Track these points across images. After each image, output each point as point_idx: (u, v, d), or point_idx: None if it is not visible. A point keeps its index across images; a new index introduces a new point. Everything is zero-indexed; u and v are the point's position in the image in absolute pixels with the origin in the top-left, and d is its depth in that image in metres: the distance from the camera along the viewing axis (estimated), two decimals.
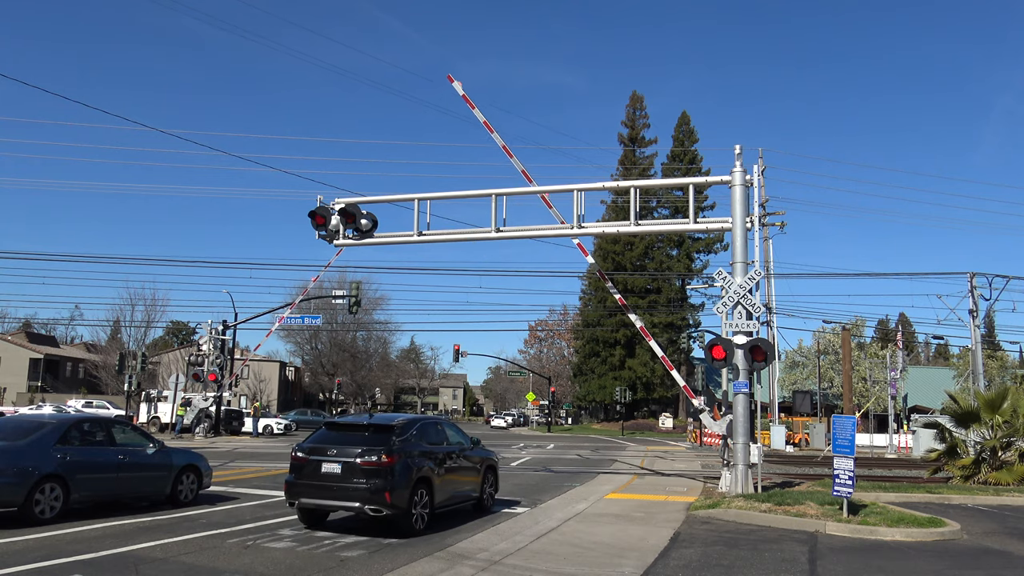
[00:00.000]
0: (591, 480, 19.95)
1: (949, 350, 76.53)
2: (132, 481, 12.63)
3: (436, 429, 13.17)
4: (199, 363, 38.78)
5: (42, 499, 11.05)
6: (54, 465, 11.27)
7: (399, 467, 11.19)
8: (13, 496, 10.71)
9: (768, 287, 40.47)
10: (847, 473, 12.10)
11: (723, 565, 9.06)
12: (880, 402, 48.76)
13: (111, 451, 12.40)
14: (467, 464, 13.39)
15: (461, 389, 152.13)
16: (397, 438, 11.67)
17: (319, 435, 12.19)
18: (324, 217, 18.65)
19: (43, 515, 11.02)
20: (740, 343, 15.24)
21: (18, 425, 12.06)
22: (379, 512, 10.92)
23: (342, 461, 11.27)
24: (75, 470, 11.54)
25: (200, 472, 13.96)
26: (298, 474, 11.55)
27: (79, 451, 11.83)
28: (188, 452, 14.44)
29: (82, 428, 12.33)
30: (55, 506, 11.22)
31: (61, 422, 12.15)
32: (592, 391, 75.08)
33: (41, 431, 11.62)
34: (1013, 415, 19.18)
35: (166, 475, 13.22)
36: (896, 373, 41.79)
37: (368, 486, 10.93)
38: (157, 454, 13.20)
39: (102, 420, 13.53)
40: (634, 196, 17.90)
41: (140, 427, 14.23)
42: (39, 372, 75.13)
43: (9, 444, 11.11)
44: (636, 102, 78.92)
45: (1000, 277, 39.89)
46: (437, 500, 11.98)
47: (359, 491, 11.01)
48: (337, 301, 45.83)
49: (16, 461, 10.88)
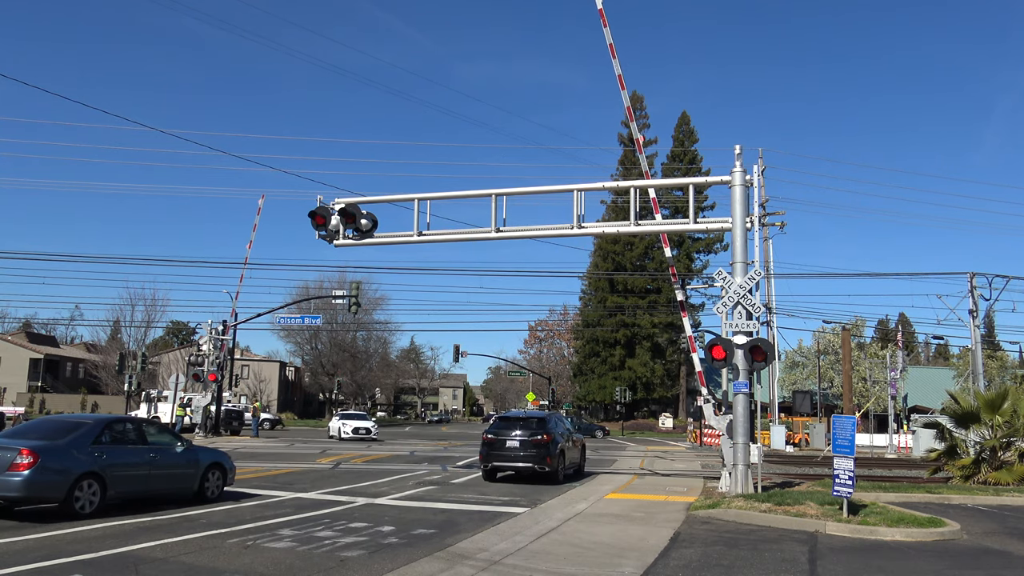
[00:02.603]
0: (591, 480, 19.95)
1: (949, 350, 76.59)
2: (163, 478, 13.17)
3: (561, 420, 22.21)
4: (199, 363, 38.77)
5: (81, 495, 11.56)
6: (92, 463, 11.78)
7: (552, 443, 19.05)
8: (55, 492, 11.27)
9: (768, 287, 40.49)
10: (847, 473, 12.09)
11: (723, 565, 9.06)
12: (880, 402, 48.76)
13: (143, 450, 12.96)
14: (575, 442, 21.59)
15: (461, 389, 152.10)
16: (549, 425, 19.65)
17: (496, 425, 20.13)
18: (324, 217, 18.63)
19: (82, 510, 11.50)
20: (740, 343, 15.24)
21: (57, 425, 12.61)
22: (543, 470, 18.79)
23: (519, 439, 19.15)
24: (111, 467, 12.06)
25: (224, 469, 14.46)
26: (489, 448, 19.35)
27: (114, 450, 12.34)
28: (214, 450, 14.95)
29: (116, 428, 12.82)
30: (93, 501, 11.72)
31: (97, 422, 12.63)
32: (592, 391, 75.07)
33: (79, 431, 12.11)
34: (1013, 415, 19.18)
35: (194, 472, 13.73)
36: (896, 373, 41.78)
37: (536, 454, 18.83)
38: (185, 452, 13.72)
39: (135, 420, 14.06)
40: (634, 196, 17.91)
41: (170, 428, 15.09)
42: (39, 372, 75.10)
43: (50, 443, 11.57)
44: (636, 102, 78.86)
45: (1000, 277, 39.90)
46: (567, 463, 20.02)
47: (530, 456, 18.88)
48: (337, 301, 45.80)
49: (57, 459, 11.38)
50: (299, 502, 14.04)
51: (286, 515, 12.28)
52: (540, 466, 18.99)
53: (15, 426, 12.97)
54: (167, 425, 19.10)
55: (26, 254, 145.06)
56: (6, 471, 10.95)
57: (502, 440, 19.46)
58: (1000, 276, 39.94)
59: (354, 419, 43.80)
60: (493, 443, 19.56)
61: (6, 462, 11.01)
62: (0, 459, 11.06)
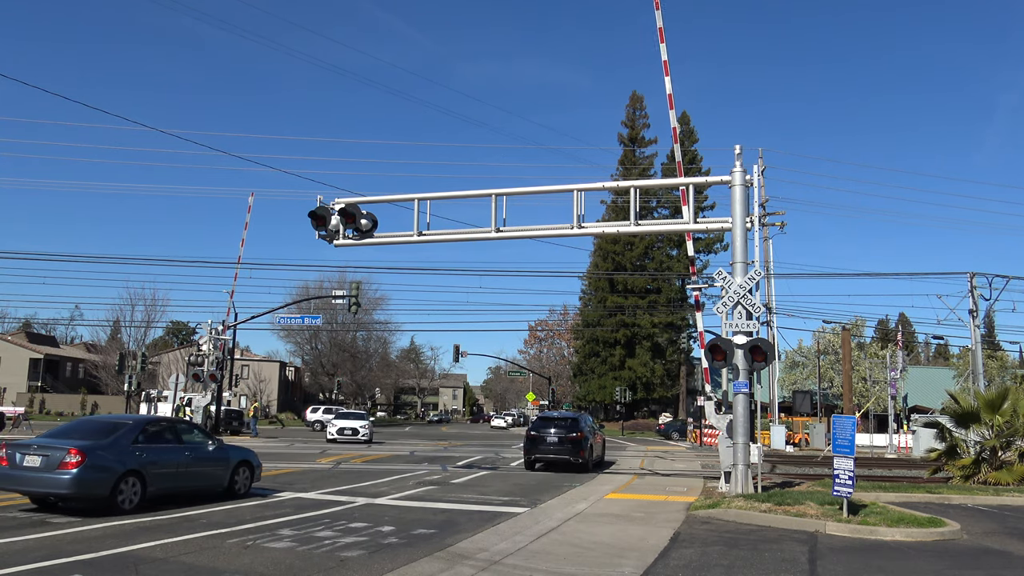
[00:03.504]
0: (591, 480, 19.94)
1: (949, 350, 76.52)
2: (196, 475, 13.81)
3: (588, 419, 25.88)
4: (199, 363, 38.75)
5: (124, 492, 12.19)
6: (133, 461, 12.43)
7: (584, 439, 22.86)
8: (101, 489, 11.86)
9: (768, 287, 40.49)
10: (847, 473, 12.09)
11: (723, 565, 9.06)
12: (880, 402, 48.74)
13: (179, 448, 13.59)
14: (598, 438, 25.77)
15: (461, 389, 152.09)
16: (582, 422, 23.91)
17: (537, 422, 24.23)
18: (324, 217, 18.63)
19: (124, 506, 12.13)
20: (740, 343, 15.24)
21: (100, 425, 13.25)
22: (576, 461, 22.44)
23: (557, 436, 22.89)
24: (150, 465, 12.70)
25: (252, 467, 15.05)
26: (531, 442, 23.21)
27: (153, 449, 12.97)
28: (242, 449, 15.55)
29: (154, 427, 13.47)
30: (134, 499, 12.34)
31: (136, 422, 13.30)
32: (592, 391, 75.05)
33: (121, 431, 12.74)
34: (1013, 415, 19.18)
35: (224, 470, 14.36)
36: (896, 373, 41.76)
37: (571, 448, 22.58)
38: (216, 451, 14.35)
39: (170, 420, 14.88)
40: (634, 196, 17.90)
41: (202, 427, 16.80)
42: (39, 372, 75.08)
43: (95, 443, 12.16)
44: (636, 102, 78.93)
45: (1000, 277, 39.91)
46: (594, 456, 24.05)
47: (566, 450, 22.59)
48: (337, 301, 45.76)
49: (102, 458, 11.99)
50: (299, 502, 14.04)
51: (286, 515, 12.27)
52: (574, 458, 22.76)
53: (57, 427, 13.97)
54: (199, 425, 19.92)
55: (26, 254, 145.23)
56: (56, 469, 11.56)
57: (542, 436, 23.27)
58: (1000, 276, 39.98)
59: (344, 418, 40.30)
60: (535, 438, 23.39)
61: (56, 461, 11.61)
62: (50, 458, 11.67)
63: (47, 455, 11.77)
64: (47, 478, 11.63)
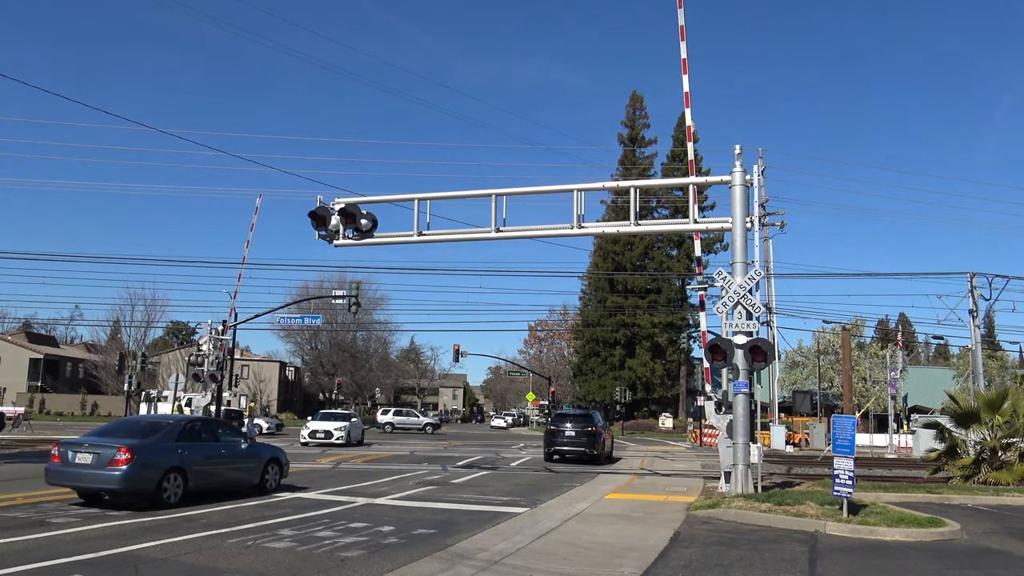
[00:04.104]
0: (591, 480, 19.94)
1: (949, 350, 76.44)
2: (232, 471, 14.68)
3: (599, 416, 28.92)
4: (199, 363, 38.73)
5: (168, 487, 12.92)
6: (176, 459, 13.18)
7: (597, 434, 26.00)
8: (147, 485, 12.60)
9: (768, 287, 40.51)
10: (847, 473, 12.09)
11: (723, 565, 9.06)
12: (880, 402, 48.73)
13: (216, 446, 14.42)
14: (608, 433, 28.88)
15: (461, 389, 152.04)
16: (595, 418, 27.32)
17: (555, 419, 27.58)
18: (324, 217, 18.62)
19: (169, 500, 12.84)
20: (740, 343, 15.23)
21: (144, 425, 13.98)
22: (592, 454, 25.48)
23: (574, 430, 25.94)
24: (191, 462, 13.46)
25: (281, 464, 15.91)
26: (551, 436, 26.44)
27: (192, 446, 13.74)
28: (272, 447, 16.45)
29: (193, 427, 14.24)
30: (177, 492, 13.09)
31: (177, 422, 14.14)
32: (592, 391, 75.05)
33: (164, 430, 13.56)
34: (1013, 415, 19.17)
35: (256, 466, 15.22)
36: (896, 373, 41.75)
37: (587, 441, 25.67)
38: (249, 448, 15.23)
39: (207, 420, 15.66)
40: (634, 196, 17.89)
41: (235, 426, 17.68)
42: (39, 372, 75.08)
43: (142, 441, 12.88)
44: (636, 102, 78.94)
45: (1000, 277, 39.86)
46: (606, 451, 27.35)
47: (582, 443, 25.67)
48: (337, 301, 45.69)
49: (149, 455, 12.72)
50: (299, 502, 14.04)
51: (286, 515, 12.28)
52: (590, 450, 25.91)
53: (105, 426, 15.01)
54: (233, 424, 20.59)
55: (26, 254, 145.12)
56: (107, 466, 12.30)
57: (561, 431, 26.44)
58: (1000, 276, 39.94)
59: (322, 419, 36.56)
60: (554, 433, 26.60)
61: (107, 458, 12.34)
62: (101, 456, 12.40)
63: (98, 453, 12.46)
64: (99, 474, 12.33)
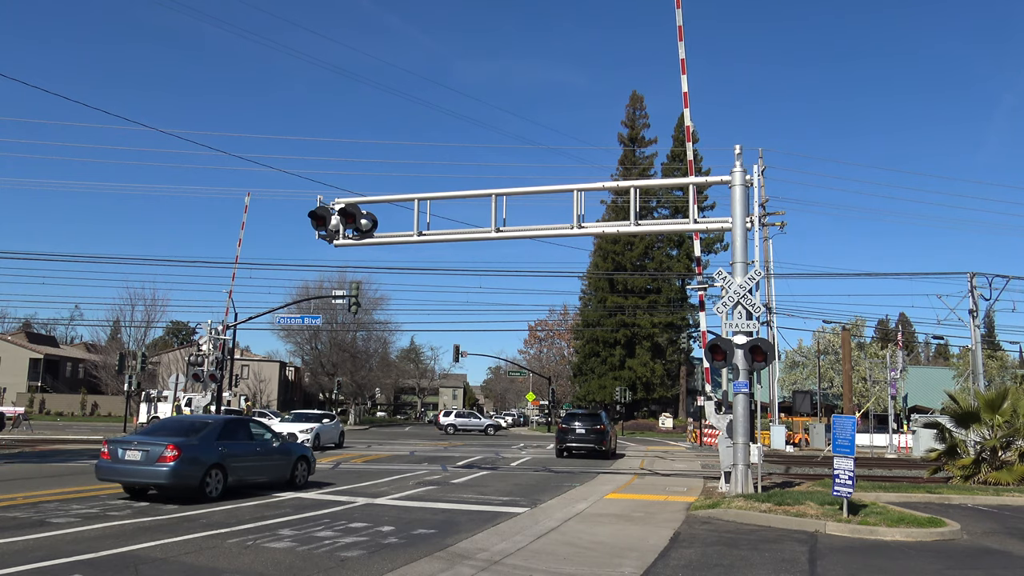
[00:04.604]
0: (591, 480, 19.94)
1: (949, 350, 76.42)
2: (266, 468, 15.64)
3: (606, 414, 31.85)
4: (199, 363, 38.72)
5: (210, 482, 13.82)
6: (217, 456, 14.10)
7: (605, 431, 28.53)
8: (192, 480, 13.50)
9: (768, 287, 40.49)
10: (847, 473, 12.08)
11: (723, 565, 9.05)
12: (880, 402, 48.71)
13: (251, 444, 15.47)
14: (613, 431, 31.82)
15: (461, 389, 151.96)
16: (603, 417, 29.66)
17: (567, 417, 30.17)
18: (324, 217, 18.61)
19: (210, 494, 13.76)
20: (740, 343, 15.22)
21: (187, 424, 14.96)
22: (600, 450, 27.88)
23: (584, 428, 28.48)
24: (230, 459, 14.40)
25: (309, 461, 16.98)
26: (562, 433, 28.79)
27: (231, 444, 14.68)
28: (301, 445, 17.74)
29: (232, 426, 15.19)
30: (218, 487, 14.00)
31: (217, 422, 15.08)
32: (592, 391, 75.02)
33: (207, 429, 14.48)
34: (1013, 415, 19.16)
35: (287, 463, 16.24)
36: (896, 373, 41.74)
37: (596, 438, 28.08)
38: (281, 446, 16.30)
39: (243, 420, 16.44)
40: (634, 196, 17.88)
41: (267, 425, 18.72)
42: (39, 372, 75.06)
43: (187, 440, 13.79)
44: (636, 102, 78.91)
45: (1000, 277, 39.87)
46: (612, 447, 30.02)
47: (592, 440, 28.00)
48: (337, 301, 45.67)
49: (193, 452, 13.64)
50: (299, 502, 14.03)
51: (286, 515, 12.27)
52: (599, 446, 28.40)
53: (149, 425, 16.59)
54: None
55: (26, 254, 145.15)
56: (156, 462, 13.19)
57: (572, 428, 29.03)
58: (1000, 276, 39.94)
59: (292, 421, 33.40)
60: (565, 430, 29.24)
61: (155, 455, 13.23)
62: (150, 453, 13.30)
63: (147, 450, 13.36)
64: (148, 470, 13.23)
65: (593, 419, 29.71)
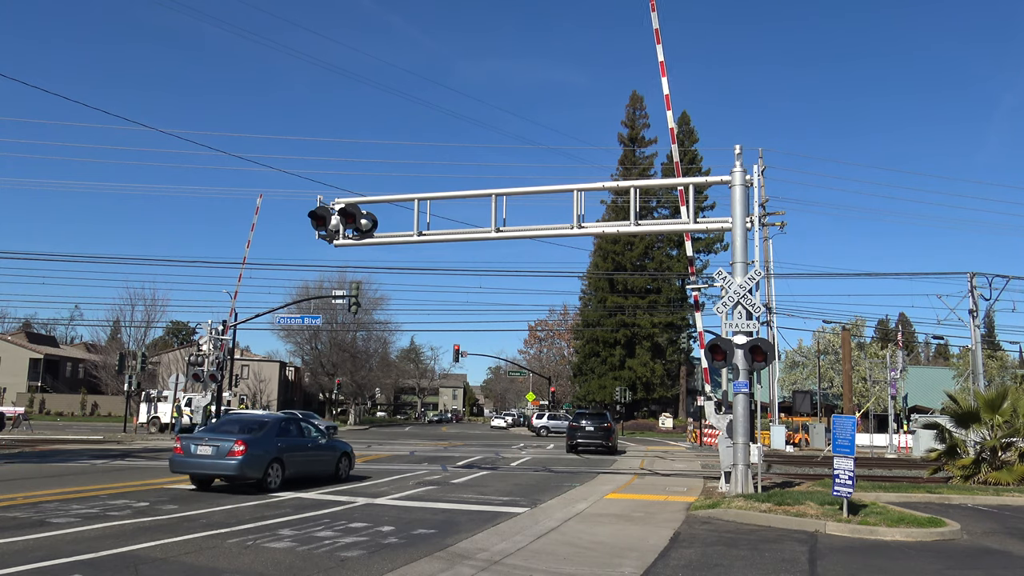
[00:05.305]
0: (591, 480, 19.94)
1: (949, 350, 76.43)
2: (315, 462, 17.16)
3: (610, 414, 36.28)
4: (199, 363, 38.72)
5: (271, 474, 15.37)
6: (277, 451, 15.67)
7: (612, 429, 33.07)
8: (256, 473, 15.03)
9: (768, 287, 40.46)
10: (847, 473, 12.08)
11: (723, 565, 9.05)
12: (880, 402, 48.72)
13: (303, 440, 17.01)
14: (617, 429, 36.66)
15: (461, 389, 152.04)
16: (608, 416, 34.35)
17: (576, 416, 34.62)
18: (324, 217, 18.60)
19: (271, 486, 15.29)
20: (740, 343, 15.22)
21: (249, 422, 16.35)
22: (608, 446, 32.22)
23: (592, 426, 32.65)
24: (287, 453, 15.94)
25: (351, 457, 18.62)
26: (572, 431, 33.01)
27: (287, 440, 16.25)
28: (343, 442, 19.18)
29: (286, 424, 16.75)
30: (277, 480, 15.52)
31: (275, 420, 16.75)
32: (592, 391, 75.02)
33: (267, 427, 16.01)
34: (1013, 415, 19.17)
35: (333, 458, 17.76)
36: (896, 373, 41.74)
37: (603, 435, 32.36)
38: (327, 443, 18.00)
39: (295, 419, 18.07)
40: (634, 196, 17.88)
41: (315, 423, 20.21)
42: (39, 372, 75.07)
43: (252, 436, 15.27)
44: (636, 102, 78.94)
45: (1000, 277, 39.89)
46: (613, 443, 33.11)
47: (599, 437, 32.34)
48: (337, 301, 45.67)
49: (258, 448, 15.16)
50: (299, 502, 14.03)
51: (286, 515, 12.27)
52: (606, 443, 32.38)
53: (213, 423, 18.22)
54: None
55: (26, 254, 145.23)
56: (225, 456, 14.71)
57: (581, 427, 33.08)
58: (1000, 276, 39.96)
59: None
60: (575, 428, 33.18)
61: (225, 450, 14.75)
62: (220, 448, 14.82)
63: (217, 445, 14.85)
64: (219, 463, 14.77)
65: (600, 418, 33.94)
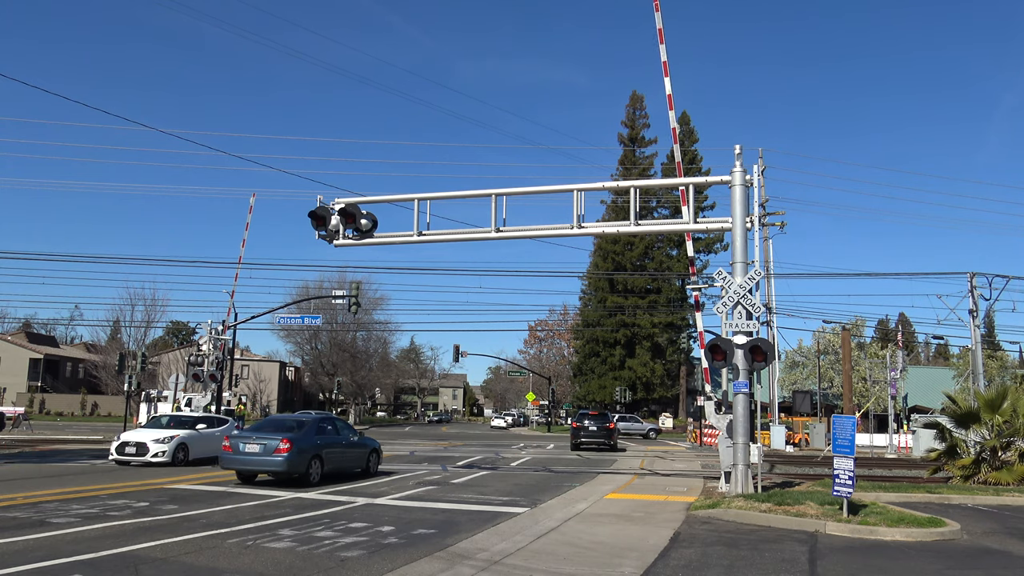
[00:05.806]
0: (591, 480, 19.94)
1: (949, 350, 76.42)
2: (349, 458, 18.60)
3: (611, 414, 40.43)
4: (199, 363, 38.73)
5: (312, 470, 16.70)
6: (317, 448, 17.01)
7: (614, 429, 36.49)
8: (300, 468, 16.35)
9: (768, 287, 40.47)
10: (847, 473, 12.08)
11: (723, 565, 9.05)
12: (880, 402, 48.71)
13: (339, 438, 18.37)
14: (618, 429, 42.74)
15: (461, 389, 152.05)
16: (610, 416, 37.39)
17: (580, 416, 36.85)
18: (324, 217, 18.60)
19: (312, 480, 16.65)
20: (740, 343, 15.22)
21: (292, 422, 17.93)
22: (610, 444, 35.35)
23: (596, 425, 35.51)
24: (326, 450, 17.30)
25: (379, 453, 20.26)
26: (576, 431, 35.67)
27: (325, 438, 17.66)
28: (371, 439, 20.50)
29: (324, 423, 18.16)
30: (318, 475, 16.86)
31: (314, 419, 18.19)
32: (592, 391, 75.03)
33: (308, 425, 17.44)
34: (1013, 415, 19.16)
35: (363, 454, 19.25)
36: (896, 373, 41.74)
37: (606, 435, 35.35)
38: (359, 440, 19.30)
39: (331, 418, 19.59)
40: (634, 196, 17.88)
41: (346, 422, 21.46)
42: (39, 372, 75.06)
43: (295, 434, 16.61)
44: (636, 102, 78.94)
45: (1000, 277, 39.91)
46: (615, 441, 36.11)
47: (602, 435, 35.24)
48: (337, 301, 45.68)
49: (301, 445, 16.47)
50: (299, 502, 14.03)
51: (286, 515, 12.27)
52: (608, 441, 35.02)
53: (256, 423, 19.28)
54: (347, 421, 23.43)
55: (26, 254, 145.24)
56: (272, 453, 16.04)
57: (585, 426, 35.41)
58: (1000, 276, 39.97)
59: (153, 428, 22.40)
60: (579, 428, 35.52)
61: (272, 447, 16.07)
62: (267, 446, 16.11)
63: (265, 443, 16.15)
64: (267, 460, 16.07)
65: (603, 418, 36.35)
